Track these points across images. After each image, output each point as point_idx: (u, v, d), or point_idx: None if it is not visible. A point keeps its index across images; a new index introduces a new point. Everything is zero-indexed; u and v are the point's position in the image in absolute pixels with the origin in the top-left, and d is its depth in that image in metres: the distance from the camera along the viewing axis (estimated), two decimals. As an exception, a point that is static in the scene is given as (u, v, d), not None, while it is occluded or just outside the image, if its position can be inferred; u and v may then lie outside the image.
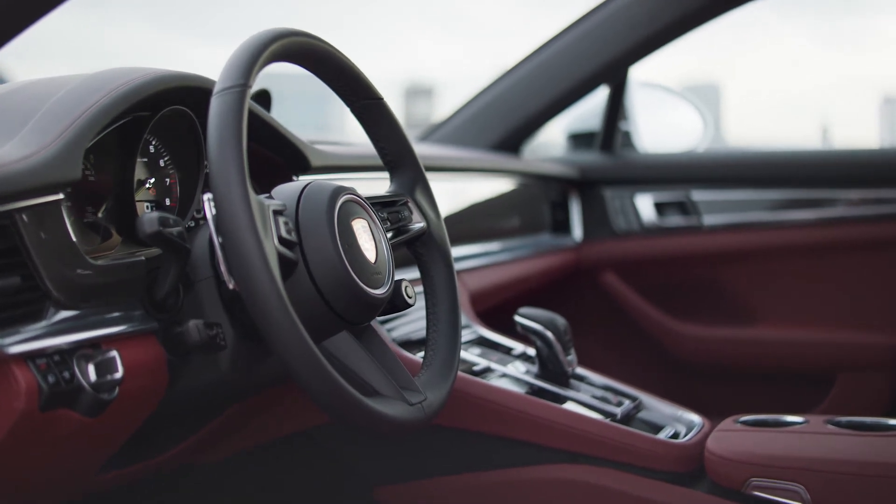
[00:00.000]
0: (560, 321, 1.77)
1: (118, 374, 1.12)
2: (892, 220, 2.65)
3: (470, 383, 1.66)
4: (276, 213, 1.13)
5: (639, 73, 2.89)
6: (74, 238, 1.11)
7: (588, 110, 3.03)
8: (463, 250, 2.23)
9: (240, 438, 1.64)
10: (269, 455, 1.75)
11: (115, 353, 1.12)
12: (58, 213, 1.10)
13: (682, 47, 2.90)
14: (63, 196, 1.10)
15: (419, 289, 1.43)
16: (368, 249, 1.26)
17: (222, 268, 1.11)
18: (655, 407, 1.79)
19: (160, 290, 1.19)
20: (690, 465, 1.60)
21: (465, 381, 1.66)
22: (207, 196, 1.10)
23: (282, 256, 1.11)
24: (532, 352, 1.82)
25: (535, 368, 1.79)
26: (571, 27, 2.79)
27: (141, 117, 1.29)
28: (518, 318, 1.78)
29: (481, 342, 1.90)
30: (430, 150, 2.47)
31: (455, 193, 2.32)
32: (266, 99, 1.73)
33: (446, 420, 1.63)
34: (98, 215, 1.28)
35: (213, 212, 1.09)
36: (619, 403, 1.74)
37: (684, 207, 2.84)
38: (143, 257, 1.21)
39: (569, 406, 1.69)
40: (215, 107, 1.10)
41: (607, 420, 1.67)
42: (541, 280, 2.69)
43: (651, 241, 2.86)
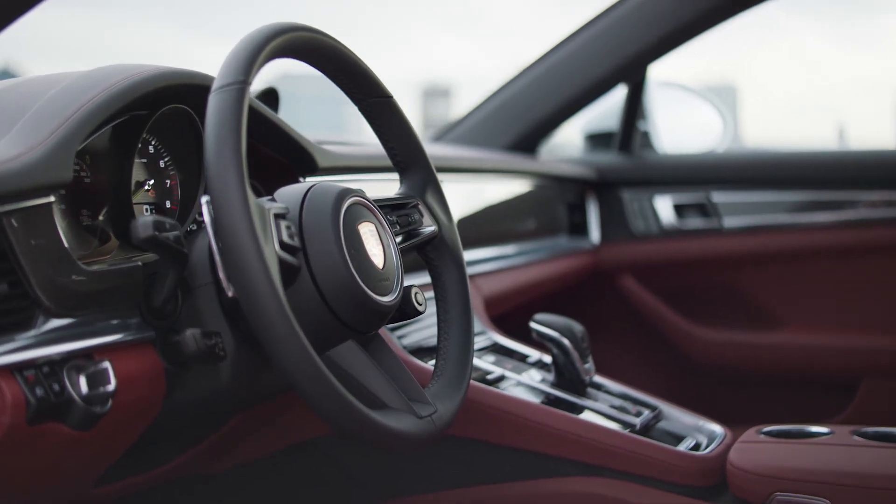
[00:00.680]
0: (577, 328, 1.74)
1: (111, 387, 1.08)
2: None
3: (483, 392, 1.63)
4: (278, 216, 1.09)
5: (657, 73, 2.87)
6: (66, 242, 1.07)
7: (606, 110, 3.00)
8: (477, 254, 2.20)
9: (244, 449, 1.60)
10: (274, 465, 1.72)
11: (107, 364, 1.08)
12: (48, 216, 1.06)
13: (699, 49, 2.89)
14: (54, 199, 1.06)
15: (430, 294, 1.39)
16: (376, 254, 1.22)
17: (221, 274, 1.06)
18: (675, 416, 1.76)
19: (158, 296, 1.15)
20: (712, 478, 1.57)
21: (479, 390, 1.63)
22: (205, 199, 1.05)
23: (283, 262, 1.06)
24: (548, 359, 1.79)
25: (551, 377, 1.77)
26: (589, 24, 2.77)
27: (139, 116, 1.25)
28: (533, 325, 1.75)
29: (496, 349, 1.87)
30: (443, 151, 2.46)
31: (469, 195, 2.29)
32: (274, 98, 1.70)
33: (458, 430, 1.60)
34: (99, 218, 1.24)
35: (211, 215, 1.04)
36: (637, 413, 1.71)
37: (704, 209, 2.81)
38: (140, 262, 1.17)
39: (586, 416, 1.67)
40: (213, 105, 1.05)
41: (626, 431, 1.64)
42: (557, 284, 2.67)
43: (670, 243, 2.83)
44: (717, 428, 1.72)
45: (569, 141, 3.31)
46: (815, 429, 1.59)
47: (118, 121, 1.22)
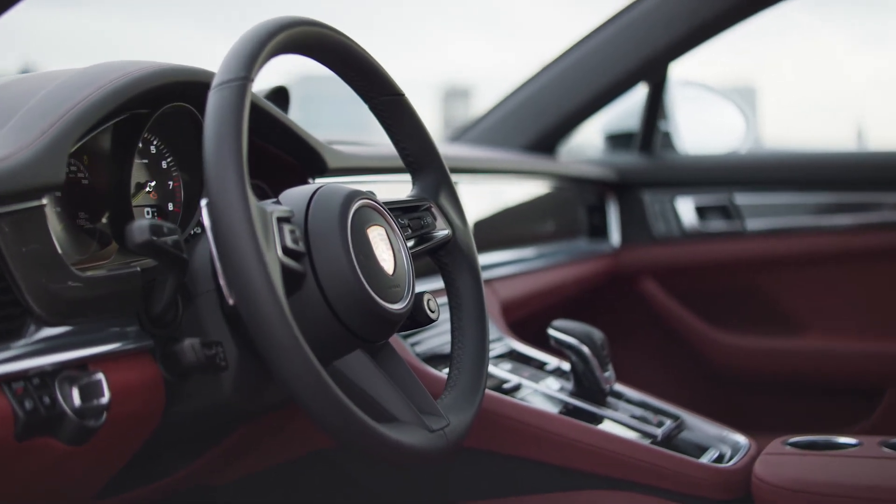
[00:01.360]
0: (597, 335, 1.69)
1: (104, 399, 1.03)
2: None
3: (499, 402, 1.59)
4: (282, 220, 1.04)
5: (679, 72, 2.84)
6: (60, 247, 1.03)
7: (626, 109, 2.97)
8: (494, 257, 2.17)
9: (250, 460, 1.57)
10: (279, 477, 1.68)
11: (101, 375, 1.03)
12: (40, 219, 1.01)
13: (718, 49, 2.88)
14: (47, 201, 1.02)
15: (444, 300, 1.34)
16: (386, 260, 1.17)
17: (221, 281, 1.01)
18: (698, 426, 1.72)
19: (157, 303, 1.11)
20: (737, 491, 1.53)
21: (495, 399, 1.59)
22: (205, 201, 1.00)
23: (286, 268, 1.01)
24: (567, 367, 1.74)
25: (569, 385, 1.72)
26: (609, 23, 2.74)
27: (139, 115, 1.21)
28: (552, 332, 1.71)
29: (512, 356, 1.82)
30: (460, 151, 2.43)
31: (487, 196, 2.26)
32: (284, 97, 1.65)
33: (472, 441, 1.55)
34: (101, 220, 1.20)
35: (210, 218, 0.99)
36: (659, 423, 1.66)
37: (727, 211, 2.78)
38: (139, 268, 1.12)
39: (605, 427, 1.62)
40: (212, 102, 1.01)
41: (647, 442, 1.59)
42: (576, 288, 2.64)
43: (692, 246, 2.79)
44: (740, 438, 1.67)
45: (588, 141, 3.28)
46: (842, 440, 1.55)
47: (117, 119, 1.17)
